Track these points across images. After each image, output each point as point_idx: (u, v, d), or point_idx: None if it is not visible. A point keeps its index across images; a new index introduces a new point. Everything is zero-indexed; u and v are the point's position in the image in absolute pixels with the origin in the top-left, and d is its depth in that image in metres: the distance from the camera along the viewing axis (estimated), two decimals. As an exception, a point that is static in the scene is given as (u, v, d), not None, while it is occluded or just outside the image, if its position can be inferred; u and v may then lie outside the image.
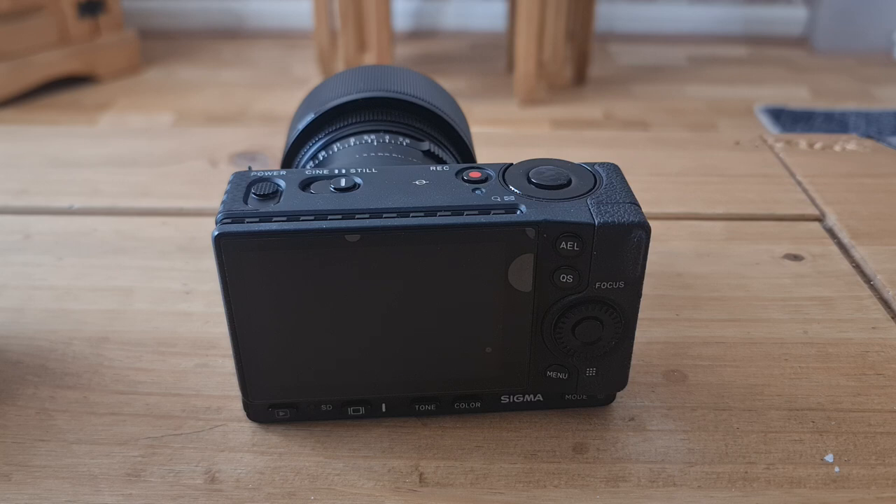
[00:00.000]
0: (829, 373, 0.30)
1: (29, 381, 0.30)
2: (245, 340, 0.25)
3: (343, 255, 0.23)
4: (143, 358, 0.31)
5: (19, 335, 0.32)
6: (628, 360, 0.26)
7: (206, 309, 0.34)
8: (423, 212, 0.23)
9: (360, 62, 1.89)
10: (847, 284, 0.36)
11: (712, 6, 2.48)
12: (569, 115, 1.84)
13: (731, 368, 0.30)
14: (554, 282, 0.24)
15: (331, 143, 0.31)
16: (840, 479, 0.25)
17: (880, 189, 0.46)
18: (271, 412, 0.27)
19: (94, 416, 0.28)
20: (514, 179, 0.25)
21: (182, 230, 0.40)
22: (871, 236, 0.40)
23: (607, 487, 0.25)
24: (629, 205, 0.24)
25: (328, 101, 0.33)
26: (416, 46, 2.35)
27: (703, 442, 0.27)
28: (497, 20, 2.39)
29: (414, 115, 0.33)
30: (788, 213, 0.43)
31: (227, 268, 0.23)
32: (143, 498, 0.25)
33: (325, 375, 0.26)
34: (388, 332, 0.25)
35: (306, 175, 0.25)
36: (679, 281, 0.36)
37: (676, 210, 0.43)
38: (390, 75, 0.35)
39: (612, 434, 0.27)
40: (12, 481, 0.25)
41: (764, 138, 0.53)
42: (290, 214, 0.23)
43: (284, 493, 0.25)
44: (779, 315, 0.34)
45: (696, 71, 2.18)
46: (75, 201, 0.43)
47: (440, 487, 0.25)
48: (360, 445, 0.27)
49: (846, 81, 2.10)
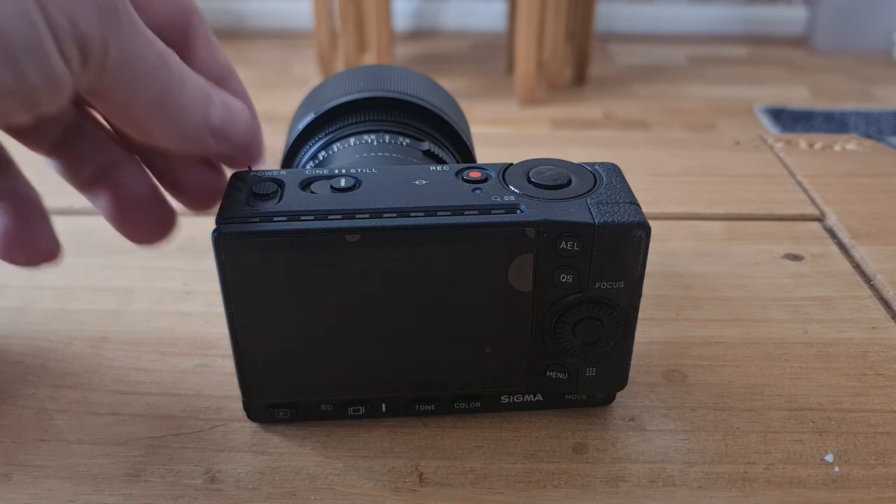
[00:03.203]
0: (829, 373, 0.30)
1: (29, 381, 0.30)
2: (245, 340, 0.25)
3: (343, 255, 0.23)
4: (143, 358, 0.31)
5: (19, 335, 0.32)
6: (628, 360, 0.26)
7: (206, 309, 0.34)
8: (423, 212, 0.23)
9: (360, 62, 1.90)
10: (847, 284, 0.36)
11: (712, 6, 2.48)
12: (569, 115, 1.84)
13: (731, 368, 0.31)
14: (554, 282, 0.24)
15: (331, 143, 0.31)
16: (840, 479, 0.25)
17: (880, 189, 0.46)
18: (271, 412, 0.27)
19: (94, 416, 0.28)
20: (514, 179, 0.25)
21: (182, 230, 0.40)
22: (871, 236, 0.40)
23: (607, 487, 0.25)
24: (629, 205, 0.24)
25: (328, 101, 0.33)
26: (416, 46, 2.35)
27: (703, 442, 0.27)
28: (497, 20, 2.39)
29: (414, 115, 0.33)
30: (788, 213, 0.43)
31: (227, 268, 0.23)
32: (143, 498, 0.25)
33: (324, 375, 0.26)
34: (388, 331, 0.25)
35: (306, 175, 0.25)
36: (679, 281, 0.36)
37: (676, 210, 0.43)
38: (390, 75, 0.35)
39: (611, 434, 0.27)
40: (12, 481, 0.25)
41: (764, 138, 0.53)
42: (290, 214, 0.23)
43: (284, 493, 0.25)
44: (779, 315, 0.34)
45: (696, 71, 2.18)
46: (75, 201, 0.43)
47: (440, 487, 0.25)
48: (360, 445, 0.27)
49: (846, 81, 2.10)
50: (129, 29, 0.19)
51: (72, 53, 0.18)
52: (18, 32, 0.17)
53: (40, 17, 0.17)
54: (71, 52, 0.18)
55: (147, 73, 0.20)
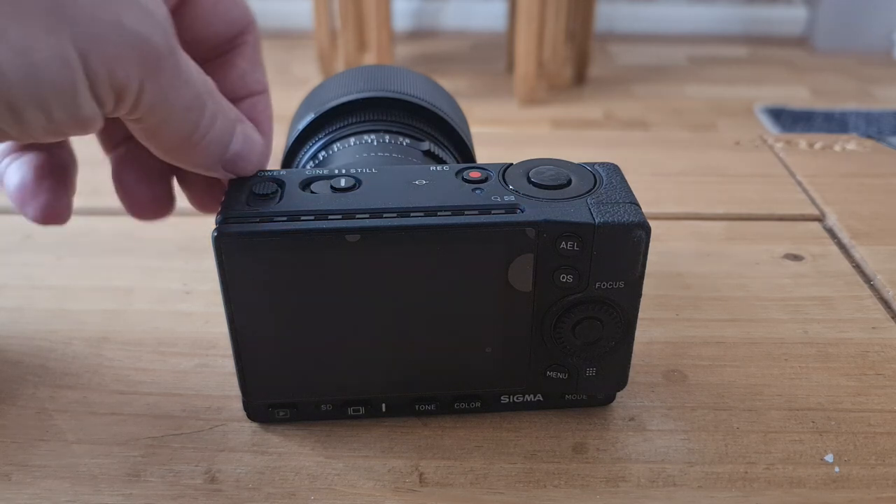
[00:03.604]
0: (829, 373, 0.30)
1: (29, 381, 0.30)
2: (245, 341, 0.25)
3: (343, 255, 0.23)
4: (143, 358, 0.31)
5: (19, 335, 0.32)
6: (628, 360, 0.26)
7: (206, 309, 0.34)
8: (423, 212, 0.23)
9: (360, 62, 1.90)
10: (847, 284, 0.36)
11: (712, 6, 2.48)
12: (569, 115, 1.84)
13: (731, 368, 0.30)
14: (554, 282, 0.24)
15: (331, 143, 0.31)
16: (840, 479, 0.25)
17: (880, 189, 0.46)
18: (271, 412, 0.27)
19: (94, 416, 0.28)
20: (514, 179, 0.25)
21: (182, 230, 0.40)
22: (871, 236, 0.40)
23: (607, 487, 0.25)
24: (629, 205, 0.24)
25: (328, 101, 0.33)
26: (416, 46, 2.35)
27: (703, 442, 0.27)
28: (497, 20, 2.39)
29: (414, 114, 0.33)
30: (788, 213, 0.43)
31: (227, 268, 0.23)
32: (143, 498, 0.25)
33: (324, 375, 0.26)
34: (388, 331, 0.25)
35: (306, 175, 0.25)
36: (679, 281, 0.36)
37: (676, 210, 0.43)
38: (390, 75, 0.35)
39: (612, 434, 0.27)
40: (12, 481, 0.25)
41: (764, 138, 0.53)
42: (291, 214, 0.23)
43: (284, 493, 0.25)
44: (779, 315, 0.34)
45: (696, 71, 2.18)
46: (75, 201, 0.43)
47: (440, 487, 0.25)
48: (360, 445, 0.27)
49: (846, 81, 2.10)
50: (169, 74, 0.19)
51: (106, 98, 0.18)
52: (53, 78, 0.17)
53: (79, 64, 0.17)
54: (105, 97, 0.18)
55: (179, 114, 0.20)
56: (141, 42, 0.18)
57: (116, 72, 0.18)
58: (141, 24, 0.18)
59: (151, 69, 0.19)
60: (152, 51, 0.19)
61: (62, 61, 0.17)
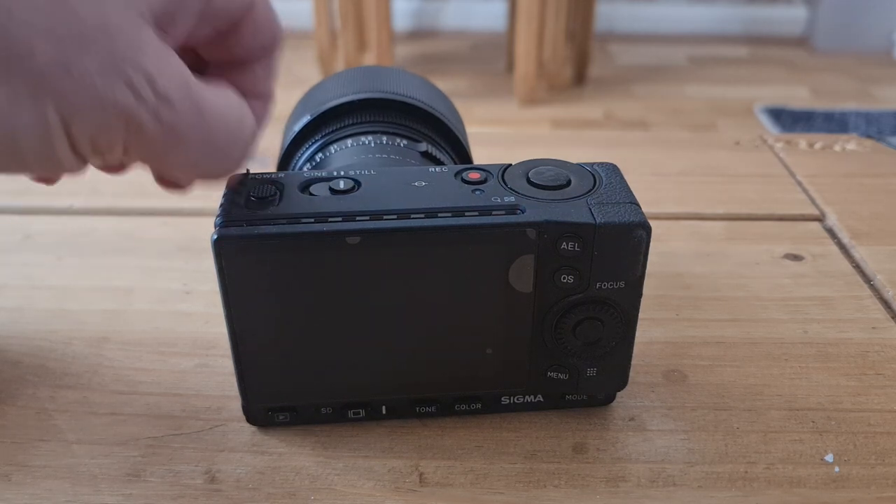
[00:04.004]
0: (829, 373, 0.30)
1: (29, 381, 0.30)
2: (244, 344, 0.25)
3: (343, 258, 0.23)
4: (143, 358, 0.31)
5: (19, 335, 0.32)
6: (628, 360, 0.26)
7: (206, 309, 0.34)
8: (423, 213, 0.23)
9: (360, 62, 1.90)
10: (847, 284, 0.36)
11: (712, 6, 2.48)
12: (569, 115, 1.84)
13: (731, 368, 0.31)
14: (554, 282, 0.24)
15: (328, 145, 0.31)
16: (840, 479, 0.25)
17: (880, 189, 0.46)
18: (270, 416, 0.27)
19: (94, 416, 0.28)
20: (514, 180, 0.25)
21: (182, 230, 0.40)
22: (871, 236, 0.40)
23: (607, 487, 0.25)
24: (629, 205, 0.24)
25: (324, 103, 0.33)
26: (416, 46, 2.35)
27: (703, 442, 0.27)
28: (497, 20, 2.39)
29: (410, 116, 0.33)
30: (788, 213, 0.43)
31: (227, 271, 0.23)
32: (143, 498, 0.25)
33: (324, 378, 0.26)
34: (389, 333, 0.25)
35: (305, 177, 0.25)
36: (679, 281, 0.36)
37: (676, 210, 0.43)
38: (386, 76, 0.35)
39: (612, 434, 0.27)
40: (12, 481, 0.25)
41: (764, 138, 0.53)
42: (290, 217, 0.23)
43: (284, 494, 0.25)
44: (779, 315, 0.34)
45: (696, 71, 2.18)
46: (75, 201, 0.43)
47: (440, 487, 0.25)
48: (361, 445, 0.27)
49: (846, 81, 2.10)
50: (152, 131, 0.19)
51: (86, 152, 0.18)
52: (31, 142, 0.17)
53: (60, 130, 0.17)
54: (85, 151, 0.18)
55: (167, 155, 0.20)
56: (127, 115, 0.18)
57: (98, 140, 0.18)
58: (127, 98, 0.18)
59: (134, 131, 0.18)
60: (137, 122, 0.18)
61: (42, 126, 0.17)
